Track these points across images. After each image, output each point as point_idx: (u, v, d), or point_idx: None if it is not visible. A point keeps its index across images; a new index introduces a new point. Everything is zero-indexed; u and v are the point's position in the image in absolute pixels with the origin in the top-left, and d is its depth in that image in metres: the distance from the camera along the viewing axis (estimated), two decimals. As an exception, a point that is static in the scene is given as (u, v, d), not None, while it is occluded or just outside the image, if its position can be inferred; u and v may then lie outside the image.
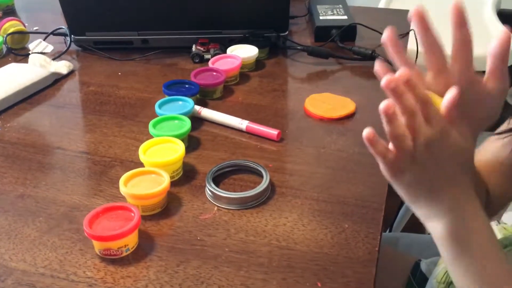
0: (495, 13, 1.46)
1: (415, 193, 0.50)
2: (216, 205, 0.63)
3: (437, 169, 0.47)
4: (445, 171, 0.48)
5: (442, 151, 0.47)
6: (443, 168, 0.48)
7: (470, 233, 0.49)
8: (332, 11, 1.11)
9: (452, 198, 0.49)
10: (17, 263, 0.56)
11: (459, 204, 0.49)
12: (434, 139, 0.46)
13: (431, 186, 0.48)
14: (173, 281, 0.53)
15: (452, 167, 0.48)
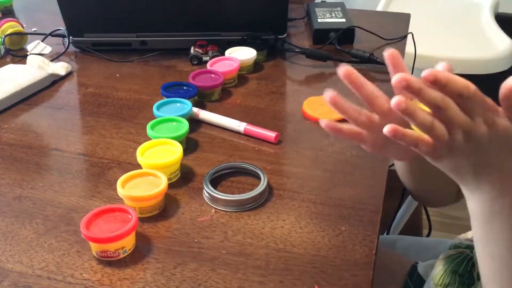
0: (493, 17, 1.46)
1: (455, 174, 0.49)
2: (214, 207, 0.63)
3: (481, 158, 0.46)
4: (490, 160, 0.46)
5: (487, 141, 0.45)
6: (487, 158, 0.46)
7: (509, 218, 0.48)
8: (331, 14, 1.11)
9: (497, 183, 0.47)
10: (14, 264, 0.55)
11: (503, 190, 0.47)
12: (474, 129, 0.44)
13: (474, 172, 0.47)
14: (170, 283, 0.53)
15: (499, 156, 0.46)
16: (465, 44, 1.37)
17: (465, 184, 0.49)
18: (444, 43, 1.37)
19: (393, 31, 1.08)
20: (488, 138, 0.45)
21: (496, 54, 1.31)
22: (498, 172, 0.47)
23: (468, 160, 0.47)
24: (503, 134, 0.45)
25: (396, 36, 1.06)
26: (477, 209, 0.49)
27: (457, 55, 1.33)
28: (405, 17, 1.18)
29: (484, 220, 0.49)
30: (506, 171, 0.47)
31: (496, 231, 0.49)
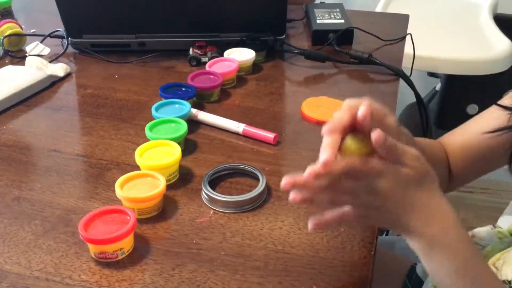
0: (492, 18, 1.46)
1: (387, 225, 0.53)
2: (212, 208, 0.63)
3: (393, 204, 0.50)
4: (403, 202, 0.50)
5: (374, 208, 0.50)
6: (399, 201, 0.50)
7: (447, 247, 0.50)
8: (329, 15, 1.11)
9: (423, 219, 0.50)
10: (12, 266, 0.55)
11: (431, 223, 0.50)
12: (358, 203, 0.50)
13: (397, 217, 0.50)
14: (169, 285, 0.53)
15: (408, 196, 0.50)
16: (464, 45, 1.37)
17: (398, 232, 0.53)
18: (443, 44, 1.37)
19: (392, 32, 1.08)
20: (373, 206, 0.50)
21: (495, 55, 1.31)
22: (421, 210, 0.50)
23: (385, 211, 0.50)
24: (384, 197, 0.49)
25: (395, 37, 1.06)
26: (416, 249, 0.52)
27: (456, 55, 1.33)
28: (404, 18, 1.18)
29: (423, 256, 0.51)
30: (431, 204, 0.50)
31: (434, 265, 0.51)
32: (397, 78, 0.93)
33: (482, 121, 0.73)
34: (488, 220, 0.81)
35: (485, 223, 0.81)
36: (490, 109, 0.73)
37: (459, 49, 1.35)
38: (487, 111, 0.74)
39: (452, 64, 1.33)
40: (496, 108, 0.71)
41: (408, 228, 0.50)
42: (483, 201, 1.94)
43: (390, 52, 1.03)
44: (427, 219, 0.50)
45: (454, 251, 0.50)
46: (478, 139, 0.72)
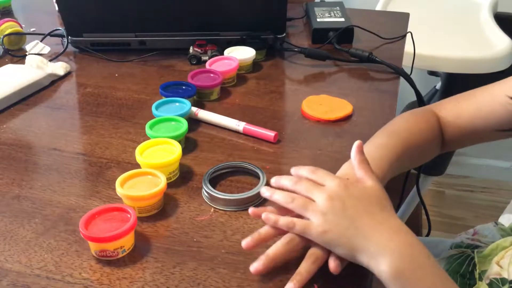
0: (492, 17, 1.46)
1: (348, 245, 0.51)
2: (213, 206, 0.63)
3: (352, 215, 0.52)
4: (361, 214, 0.52)
5: (345, 201, 0.53)
6: (356, 213, 0.52)
7: (415, 270, 0.49)
8: (329, 13, 1.11)
9: (380, 238, 0.50)
10: (13, 264, 0.55)
11: (391, 242, 0.50)
12: (327, 193, 0.54)
13: (356, 233, 0.51)
14: (169, 283, 0.53)
15: (364, 211, 0.52)
16: (464, 43, 1.37)
17: (359, 256, 0.51)
18: (443, 42, 1.37)
19: (392, 31, 1.08)
20: (347, 196, 0.53)
21: (495, 54, 1.30)
22: (380, 228, 0.51)
23: (343, 225, 0.52)
24: (354, 189, 0.54)
25: (395, 35, 1.06)
26: (380, 274, 0.50)
27: (456, 54, 1.33)
28: (404, 16, 1.18)
29: (388, 281, 0.50)
30: (386, 223, 0.52)
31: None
32: (398, 76, 0.93)
33: (480, 103, 0.71)
34: (488, 219, 0.81)
35: (486, 222, 0.81)
36: (489, 89, 0.71)
37: (459, 48, 1.35)
38: (486, 91, 0.72)
39: (453, 62, 1.33)
40: (494, 89, 0.70)
41: (375, 240, 0.50)
42: (483, 200, 1.95)
43: (390, 50, 1.03)
44: (390, 235, 0.51)
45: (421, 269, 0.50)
46: (473, 122, 0.71)
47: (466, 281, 0.70)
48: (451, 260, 0.75)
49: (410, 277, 0.49)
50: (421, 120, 0.72)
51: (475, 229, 0.78)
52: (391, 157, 0.63)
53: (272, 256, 0.52)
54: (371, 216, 0.52)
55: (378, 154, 0.62)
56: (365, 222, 0.51)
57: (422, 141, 0.70)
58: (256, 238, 0.54)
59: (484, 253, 0.69)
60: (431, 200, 1.93)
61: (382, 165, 0.61)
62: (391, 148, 0.64)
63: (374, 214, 0.52)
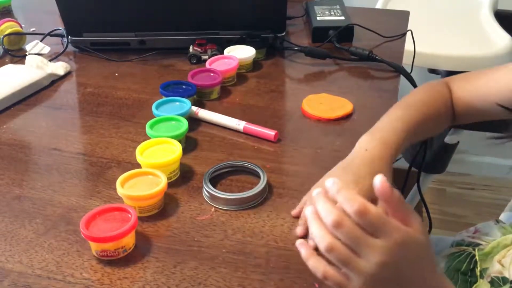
0: (492, 14, 1.46)
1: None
2: (214, 206, 0.63)
3: (402, 282, 0.45)
4: (411, 281, 0.45)
5: (398, 265, 0.44)
6: (407, 280, 0.45)
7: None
8: (329, 12, 1.11)
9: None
10: (14, 264, 0.55)
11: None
12: (382, 258, 0.43)
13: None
14: (170, 282, 0.53)
15: (418, 274, 0.45)
16: (465, 41, 1.37)
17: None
18: (444, 40, 1.37)
19: (392, 29, 1.08)
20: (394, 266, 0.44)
21: (496, 51, 1.30)
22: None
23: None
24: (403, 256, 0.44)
25: (395, 34, 1.06)
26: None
27: (457, 52, 1.33)
28: (404, 14, 1.18)
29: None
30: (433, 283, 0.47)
31: None
32: (398, 74, 0.93)
33: (489, 82, 0.74)
34: (489, 217, 0.81)
35: (486, 220, 0.81)
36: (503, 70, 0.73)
37: (459, 46, 1.35)
38: (500, 71, 0.73)
39: (453, 60, 1.32)
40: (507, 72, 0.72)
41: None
42: (484, 198, 1.95)
43: (390, 48, 1.02)
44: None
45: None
46: (481, 99, 0.73)
47: (467, 278, 0.70)
48: (452, 258, 0.75)
49: None
50: (436, 93, 0.75)
51: (476, 227, 0.78)
52: (406, 129, 0.66)
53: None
54: (418, 285, 0.46)
55: (393, 126, 0.65)
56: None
57: (436, 114, 0.73)
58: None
59: (485, 251, 0.69)
60: (432, 198, 1.93)
61: (397, 138, 0.64)
62: (406, 121, 0.67)
63: (423, 281, 0.46)
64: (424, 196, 1.23)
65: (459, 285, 0.71)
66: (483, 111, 0.74)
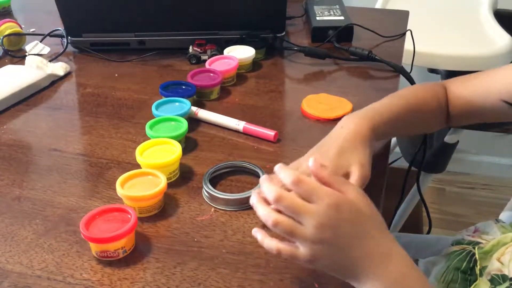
0: (492, 14, 1.46)
1: (340, 274, 0.50)
2: (213, 206, 0.63)
3: (344, 242, 0.48)
4: (353, 244, 0.48)
5: (337, 229, 0.47)
6: (348, 242, 0.48)
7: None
8: (329, 12, 1.11)
9: (372, 269, 0.48)
10: (14, 265, 0.55)
11: (383, 272, 0.48)
12: (317, 220, 0.47)
13: (347, 264, 0.48)
14: (170, 283, 0.53)
15: (358, 235, 0.48)
16: (464, 41, 1.37)
17: (348, 281, 0.50)
18: (443, 40, 1.37)
19: (392, 28, 1.08)
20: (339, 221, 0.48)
21: (495, 51, 1.30)
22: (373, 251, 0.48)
23: (336, 251, 0.48)
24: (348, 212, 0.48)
25: (395, 34, 1.06)
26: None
27: (456, 51, 1.33)
28: (403, 14, 1.18)
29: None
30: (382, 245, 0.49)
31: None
32: (397, 74, 0.93)
33: (489, 83, 0.74)
34: (489, 216, 0.81)
35: (486, 219, 0.81)
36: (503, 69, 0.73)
37: (459, 45, 1.35)
38: (499, 71, 0.73)
39: (453, 60, 1.32)
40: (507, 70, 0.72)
41: (367, 264, 0.48)
42: (484, 197, 1.95)
43: (390, 48, 1.02)
44: (382, 263, 0.48)
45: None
46: (481, 100, 0.73)
47: (467, 277, 0.71)
48: (452, 257, 0.75)
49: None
50: (429, 91, 0.75)
51: (475, 226, 0.78)
52: (390, 115, 0.67)
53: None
54: (363, 244, 0.48)
55: (377, 110, 0.67)
56: (357, 252, 0.48)
57: (426, 109, 0.73)
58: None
59: (485, 249, 0.70)
60: (431, 198, 1.93)
61: (377, 116, 0.65)
62: (393, 108, 0.68)
63: (367, 240, 0.49)
64: (424, 195, 1.23)
65: (459, 284, 0.71)
66: (484, 110, 0.74)
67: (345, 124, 0.64)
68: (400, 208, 1.53)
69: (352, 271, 0.49)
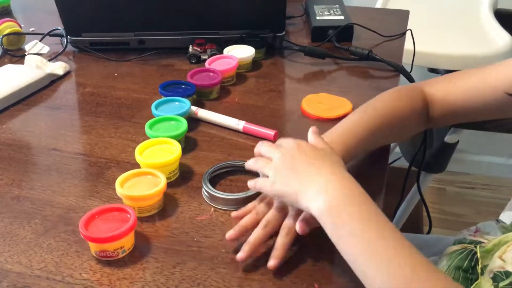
0: (492, 13, 1.46)
1: (293, 193, 0.54)
2: (213, 206, 0.63)
3: (297, 165, 0.56)
4: (305, 164, 0.56)
5: (295, 155, 0.57)
6: (301, 163, 0.56)
7: (347, 206, 0.51)
8: (329, 11, 1.11)
9: (318, 182, 0.53)
10: (13, 265, 0.55)
11: (327, 183, 0.53)
12: (282, 152, 0.58)
13: (298, 182, 0.55)
14: (170, 283, 0.53)
15: (309, 162, 0.56)
16: (465, 41, 1.37)
17: (302, 197, 0.54)
18: (443, 40, 1.37)
19: (392, 28, 1.08)
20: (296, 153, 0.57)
21: (496, 50, 1.30)
22: (320, 174, 0.54)
23: (284, 180, 0.56)
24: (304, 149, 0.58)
25: (395, 33, 1.06)
26: (318, 210, 0.52)
27: (457, 51, 1.33)
28: (404, 13, 1.18)
29: (327, 216, 0.52)
30: (328, 171, 0.55)
31: (339, 223, 0.51)
32: (398, 74, 0.93)
33: (473, 83, 0.73)
34: (489, 216, 0.81)
35: (486, 219, 0.80)
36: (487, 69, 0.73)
37: (459, 45, 1.35)
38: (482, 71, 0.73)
39: (453, 59, 1.32)
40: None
41: (317, 182, 0.53)
42: (484, 197, 1.95)
43: (390, 48, 1.02)
44: (328, 178, 0.54)
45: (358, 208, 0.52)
46: (464, 100, 0.73)
47: (468, 276, 0.70)
48: (453, 256, 0.74)
49: (341, 212, 0.51)
50: (404, 97, 0.74)
51: (476, 226, 0.78)
52: (361, 133, 0.67)
53: (253, 242, 0.55)
54: (314, 166, 0.55)
55: (348, 130, 0.67)
56: (307, 170, 0.55)
57: (401, 117, 0.72)
58: (237, 229, 0.57)
59: (487, 248, 0.69)
60: (432, 197, 1.93)
61: (349, 140, 0.66)
62: (363, 125, 0.68)
63: (317, 164, 0.55)
64: (424, 195, 1.23)
65: (460, 282, 0.70)
66: (466, 111, 0.73)
67: None
68: (400, 207, 1.52)
69: (301, 189, 0.54)
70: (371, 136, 0.68)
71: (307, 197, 0.53)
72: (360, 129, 0.67)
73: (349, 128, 0.67)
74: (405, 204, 1.57)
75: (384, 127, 0.69)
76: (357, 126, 0.68)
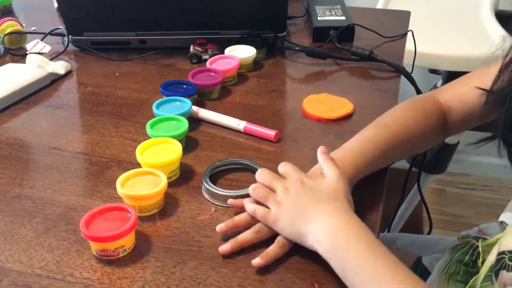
0: (493, 14, 1.46)
1: (297, 231, 0.55)
2: (213, 203, 0.63)
3: (302, 204, 0.56)
4: (309, 202, 0.56)
5: (299, 192, 0.58)
6: (306, 202, 0.56)
7: (351, 248, 0.52)
8: (330, 12, 1.11)
9: (321, 220, 0.54)
10: (13, 264, 0.55)
11: (330, 220, 0.54)
12: (285, 185, 0.59)
13: (302, 219, 0.55)
14: (170, 282, 0.53)
15: (313, 200, 0.57)
16: (465, 41, 1.37)
17: (306, 239, 0.55)
18: (444, 40, 1.37)
19: (393, 29, 1.08)
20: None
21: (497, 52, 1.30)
22: (322, 214, 0.55)
23: (295, 210, 0.56)
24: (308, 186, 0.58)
25: (396, 34, 1.06)
26: (323, 251, 0.54)
27: (457, 52, 1.33)
28: (405, 14, 1.18)
29: (328, 258, 0.53)
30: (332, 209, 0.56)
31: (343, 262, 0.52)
32: (398, 75, 0.93)
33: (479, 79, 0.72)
34: (489, 217, 0.81)
35: (486, 220, 0.80)
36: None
37: (460, 46, 1.35)
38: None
39: (454, 60, 1.32)
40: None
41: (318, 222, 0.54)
42: (484, 198, 1.94)
43: (391, 48, 1.02)
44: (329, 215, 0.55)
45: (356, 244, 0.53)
46: (478, 103, 0.71)
47: (469, 269, 0.70)
48: (455, 250, 0.74)
49: (346, 248, 0.52)
50: (418, 110, 0.73)
51: (479, 227, 0.78)
52: (371, 154, 0.65)
53: (240, 241, 0.56)
54: (318, 202, 0.56)
55: (360, 148, 0.66)
56: (311, 207, 0.55)
57: (415, 134, 0.71)
58: (229, 224, 0.58)
59: (489, 242, 0.69)
60: (432, 198, 1.93)
61: (360, 160, 0.64)
62: (376, 142, 0.66)
63: (322, 200, 0.56)
64: (424, 196, 1.23)
65: (461, 276, 0.70)
66: (482, 114, 0.71)
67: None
68: (400, 208, 1.53)
69: (305, 227, 0.54)
70: (382, 156, 0.66)
71: (312, 237, 0.54)
72: (371, 150, 0.65)
73: (360, 147, 0.66)
74: (406, 205, 1.57)
75: (396, 145, 0.68)
76: (368, 145, 0.66)
